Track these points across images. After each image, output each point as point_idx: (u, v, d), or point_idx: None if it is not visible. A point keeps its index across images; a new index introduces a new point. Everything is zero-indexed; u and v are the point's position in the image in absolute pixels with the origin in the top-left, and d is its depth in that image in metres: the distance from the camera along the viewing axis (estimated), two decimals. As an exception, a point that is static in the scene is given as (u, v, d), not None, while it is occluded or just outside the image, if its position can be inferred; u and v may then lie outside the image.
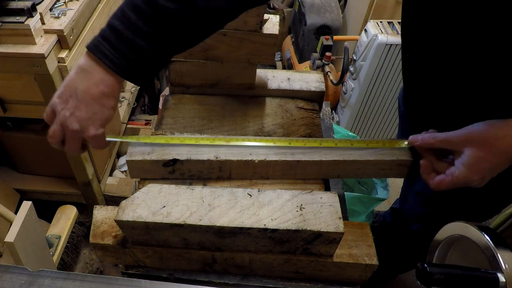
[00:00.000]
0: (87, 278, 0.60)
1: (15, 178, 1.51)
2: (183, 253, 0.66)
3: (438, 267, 0.54)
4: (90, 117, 0.59)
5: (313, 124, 0.87)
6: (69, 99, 0.59)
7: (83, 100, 0.59)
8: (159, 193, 0.64)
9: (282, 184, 0.75)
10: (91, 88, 0.59)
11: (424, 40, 0.73)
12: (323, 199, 0.63)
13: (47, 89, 1.09)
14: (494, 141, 0.59)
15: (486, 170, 0.61)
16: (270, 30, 0.80)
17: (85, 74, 0.59)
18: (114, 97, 0.61)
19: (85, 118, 0.59)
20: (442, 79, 0.74)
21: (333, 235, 0.60)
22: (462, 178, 0.62)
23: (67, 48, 1.09)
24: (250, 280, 0.69)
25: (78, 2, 1.14)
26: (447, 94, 0.75)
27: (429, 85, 0.78)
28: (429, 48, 0.72)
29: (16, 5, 1.00)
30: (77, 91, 0.59)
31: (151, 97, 2.17)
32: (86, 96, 0.59)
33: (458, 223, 0.60)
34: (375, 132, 2.00)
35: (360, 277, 0.68)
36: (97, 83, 0.58)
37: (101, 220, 0.68)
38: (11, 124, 1.36)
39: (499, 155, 0.59)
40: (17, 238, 0.96)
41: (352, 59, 1.82)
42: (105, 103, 0.60)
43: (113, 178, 1.64)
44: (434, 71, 0.75)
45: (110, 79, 0.59)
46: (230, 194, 0.64)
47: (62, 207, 1.35)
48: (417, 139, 0.70)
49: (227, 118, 0.86)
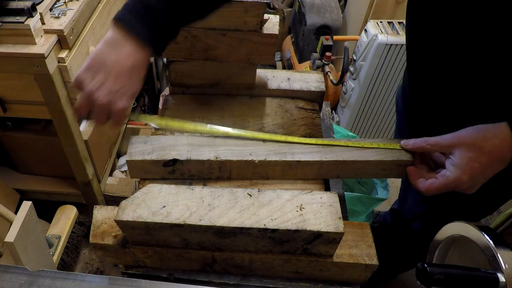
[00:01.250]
0: (87, 278, 0.60)
1: (15, 178, 1.51)
2: (183, 253, 0.66)
3: (438, 267, 0.54)
4: (118, 91, 0.59)
5: (313, 124, 0.87)
6: (97, 72, 0.59)
7: (112, 73, 0.58)
8: (159, 193, 0.64)
9: (282, 184, 0.75)
10: (121, 61, 0.59)
11: (428, 36, 0.73)
12: (323, 199, 0.63)
13: (47, 89, 1.09)
14: (482, 142, 0.61)
15: (476, 171, 0.61)
16: (270, 30, 0.80)
17: (114, 47, 0.59)
18: (143, 70, 0.61)
19: (114, 91, 0.59)
20: (444, 77, 0.75)
21: (333, 235, 0.60)
22: (453, 179, 0.63)
23: (67, 48, 1.09)
24: (250, 280, 0.69)
25: (78, 2, 1.14)
26: (448, 92, 0.75)
27: (432, 82, 0.79)
28: (434, 44, 0.73)
29: (16, 5, 0.99)
30: (106, 64, 0.59)
31: (151, 97, 2.17)
32: (116, 69, 0.59)
33: (458, 223, 0.60)
34: (375, 132, 2.00)
35: (360, 277, 0.68)
36: (127, 56, 0.59)
37: (101, 220, 0.68)
38: (11, 124, 1.36)
39: (488, 156, 0.60)
40: (17, 238, 0.96)
41: (352, 59, 1.82)
42: (134, 76, 0.60)
43: (113, 178, 1.64)
44: (438, 67, 0.75)
45: (139, 51, 0.59)
46: (230, 194, 0.64)
47: (62, 207, 1.35)
48: (409, 143, 0.71)
49: (227, 118, 0.86)
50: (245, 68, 0.86)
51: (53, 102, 1.12)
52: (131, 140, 0.74)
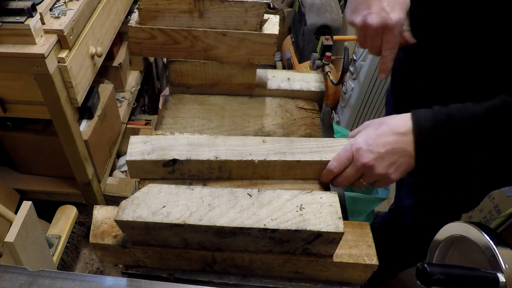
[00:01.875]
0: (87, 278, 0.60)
1: (15, 178, 1.51)
2: (183, 253, 0.66)
3: (438, 267, 0.54)
4: (384, 8, 0.62)
5: (313, 124, 0.87)
6: (359, 6, 0.64)
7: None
8: (159, 193, 0.64)
9: (282, 184, 0.75)
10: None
11: (429, 22, 0.76)
12: (323, 199, 0.63)
13: (47, 89, 1.09)
14: (377, 121, 0.69)
15: (370, 135, 0.67)
16: (270, 30, 0.80)
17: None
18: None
19: (381, 8, 0.63)
20: (440, 58, 0.77)
21: (333, 235, 0.60)
22: (349, 145, 0.68)
23: (67, 48, 1.09)
24: (250, 280, 0.69)
25: (78, 2, 1.14)
26: (440, 69, 0.77)
27: (427, 58, 0.81)
28: (432, 20, 0.75)
29: (16, 5, 0.99)
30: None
31: (151, 97, 2.18)
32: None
33: (458, 223, 0.60)
34: (375, 132, 2.00)
35: (360, 277, 0.68)
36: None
37: (101, 220, 0.68)
38: (11, 124, 1.36)
39: (383, 124, 0.67)
40: (17, 238, 0.96)
41: (352, 59, 1.82)
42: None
43: (113, 178, 1.65)
44: (434, 51, 0.77)
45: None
46: (230, 194, 0.64)
47: (62, 207, 1.35)
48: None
49: (227, 118, 0.86)
50: (245, 68, 0.86)
51: (53, 102, 1.12)
52: (131, 140, 0.74)
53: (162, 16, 0.78)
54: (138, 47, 0.83)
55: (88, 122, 1.37)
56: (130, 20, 0.81)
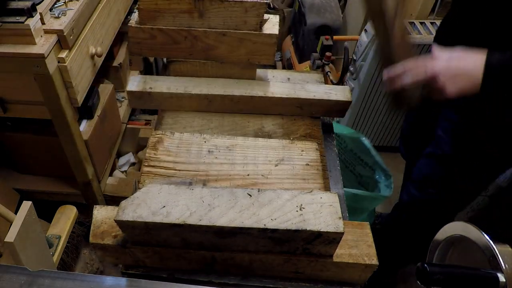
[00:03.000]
0: (87, 278, 0.60)
1: (15, 178, 1.51)
2: (183, 253, 0.66)
3: (438, 267, 0.54)
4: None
5: (313, 124, 0.87)
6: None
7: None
8: (159, 193, 0.64)
9: (282, 184, 0.75)
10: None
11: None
12: (323, 199, 0.63)
13: (47, 89, 1.09)
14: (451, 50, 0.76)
15: (453, 56, 0.74)
16: (270, 30, 0.80)
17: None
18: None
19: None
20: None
21: (333, 235, 0.60)
22: (430, 56, 0.74)
23: (67, 48, 1.09)
24: (250, 280, 0.69)
25: (78, 2, 1.14)
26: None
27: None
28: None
29: (16, 5, 0.99)
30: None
31: (151, 97, 2.17)
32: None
33: (458, 223, 0.60)
34: (374, 132, 2.00)
35: (360, 277, 0.68)
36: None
37: (101, 220, 0.68)
38: (11, 124, 1.36)
39: (464, 52, 0.74)
40: (17, 238, 0.96)
41: (352, 59, 1.82)
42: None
43: (113, 178, 1.64)
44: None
45: None
46: (230, 194, 0.64)
47: (62, 207, 1.35)
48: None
49: (227, 118, 0.86)
50: (245, 68, 0.86)
51: (53, 102, 1.12)
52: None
53: (162, 16, 0.78)
54: (138, 47, 0.83)
55: (88, 122, 1.37)
56: (130, 20, 0.81)
